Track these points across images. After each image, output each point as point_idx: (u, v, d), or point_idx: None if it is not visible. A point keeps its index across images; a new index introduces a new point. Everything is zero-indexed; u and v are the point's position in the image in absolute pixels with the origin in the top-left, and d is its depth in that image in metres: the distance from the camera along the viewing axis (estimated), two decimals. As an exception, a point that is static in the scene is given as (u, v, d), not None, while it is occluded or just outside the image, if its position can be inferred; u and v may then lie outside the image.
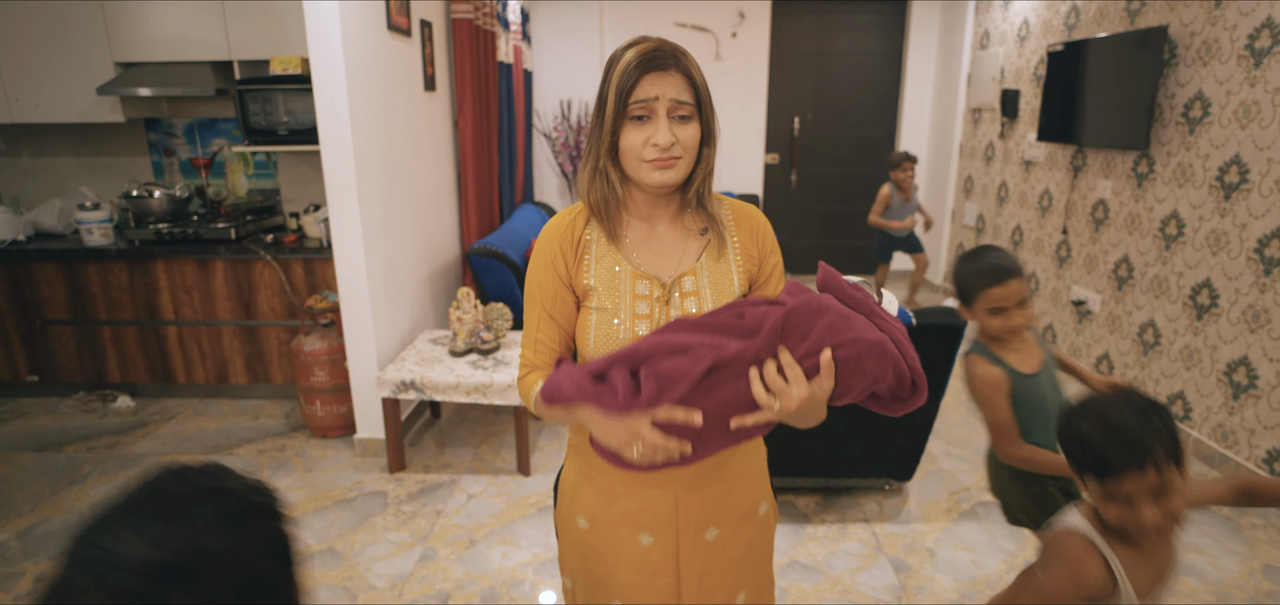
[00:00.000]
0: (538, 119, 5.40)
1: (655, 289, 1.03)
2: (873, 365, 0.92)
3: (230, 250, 3.27)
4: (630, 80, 0.96)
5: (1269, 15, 2.57)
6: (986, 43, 4.76)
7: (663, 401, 0.90)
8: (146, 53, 3.35)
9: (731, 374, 0.90)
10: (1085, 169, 3.69)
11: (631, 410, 0.90)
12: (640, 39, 0.99)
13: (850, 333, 0.91)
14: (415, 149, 3.27)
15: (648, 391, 0.90)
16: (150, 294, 3.38)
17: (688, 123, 0.99)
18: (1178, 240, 3.03)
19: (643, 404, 0.90)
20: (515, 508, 2.57)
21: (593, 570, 1.16)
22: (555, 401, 0.95)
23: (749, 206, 1.12)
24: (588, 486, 1.13)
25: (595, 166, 1.03)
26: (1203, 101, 2.89)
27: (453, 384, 2.66)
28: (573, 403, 0.93)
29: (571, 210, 1.10)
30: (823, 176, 5.81)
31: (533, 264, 1.08)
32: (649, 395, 0.90)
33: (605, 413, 0.91)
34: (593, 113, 1.03)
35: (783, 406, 0.88)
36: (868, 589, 2.15)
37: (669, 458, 0.94)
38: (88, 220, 3.35)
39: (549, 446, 3.02)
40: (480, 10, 3.75)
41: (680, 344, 0.93)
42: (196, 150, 3.81)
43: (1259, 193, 2.61)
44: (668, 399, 0.90)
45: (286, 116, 3.33)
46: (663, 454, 0.92)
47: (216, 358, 3.46)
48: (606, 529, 1.12)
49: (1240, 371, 2.70)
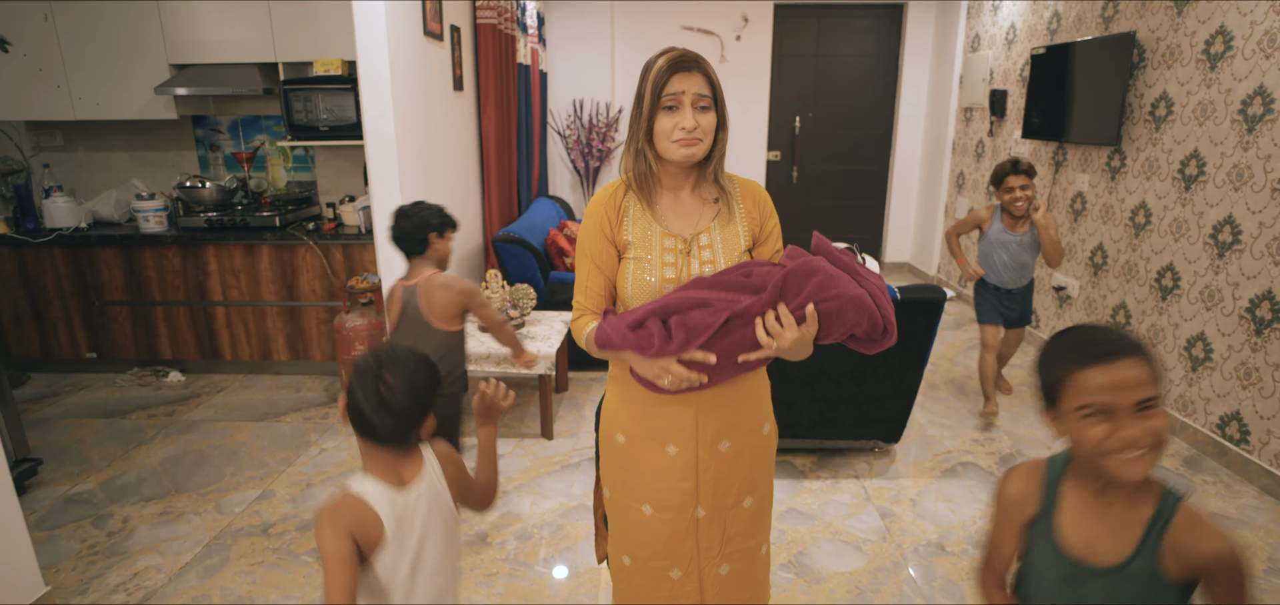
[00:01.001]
0: (552, 117, 5.69)
1: (679, 243, 1.32)
2: (851, 315, 1.21)
3: (275, 237, 3.56)
4: (663, 79, 1.25)
5: (1222, 23, 2.85)
6: (977, 45, 5.04)
7: (688, 348, 1.19)
8: (199, 55, 3.64)
9: (741, 323, 1.19)
10: (1065, 164, 3.97)
11: (664, 354, 1.19)
12: (670, 49, 1.28)
13: (835, 290, 1.19)
14: (445, 144, 3.56)
15: (677, 339, 1.19)
16: (201, 277, 3.67)
17: (707, 112, 1.28)
18: (1145, 228, 3.30)
19: (673, 349, 1.19)
20: (541, 465, 2.85)
21: (628, 477, 1.44)
22: (604, 348, 1.25)
23: (753, 181, 1.41)
24: (624, 408, 1.41)
25: (636, 149, 1.32)
26: (1167, 101, 3.16)
27: (484, 355, 2.95)
28: (618, 349, 1.23)
29: (612, 185, 1.38)
30: (823, 173, 6.09)
31: (584, 227, 1.37)
32: (678, 342, 1.19)
33: (637, 345, 1.20)
34: (632, 108, 1.31)
35: (779, 346, 1.17)
36: (856, 531, 2.43)
37: (691, 385, 1.24)
38: (144, 209, 3.64)
39: (568, 415, 3.31)
40: (502, 15, 4.05)
41: (701, 299, 1.22)
42: (240, 145, 4.11)
43: (1213, 184, 2.89)
44: (692, 345, 1.19)
45: (326, 114, 3.62)
46: (686, 383, 1.21)
47: (260, 336, 3.75)
48: (640, 442, 1.40)
49: (1198, 346, 2.98)
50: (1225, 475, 2.77)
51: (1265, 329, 2.64)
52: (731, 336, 1.20)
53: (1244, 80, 2.74)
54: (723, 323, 1.19)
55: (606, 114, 5.71)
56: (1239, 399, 2.77)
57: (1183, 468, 2.84)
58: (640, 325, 1.23)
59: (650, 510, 1.41)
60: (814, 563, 2.26)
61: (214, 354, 3.80)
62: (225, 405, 3.48)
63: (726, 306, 1.19)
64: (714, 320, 1.18)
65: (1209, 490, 2.67)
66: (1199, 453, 2.94)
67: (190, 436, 3.14)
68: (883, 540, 2.37)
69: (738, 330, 1.21)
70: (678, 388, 1.25)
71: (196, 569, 2.23)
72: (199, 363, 3.88)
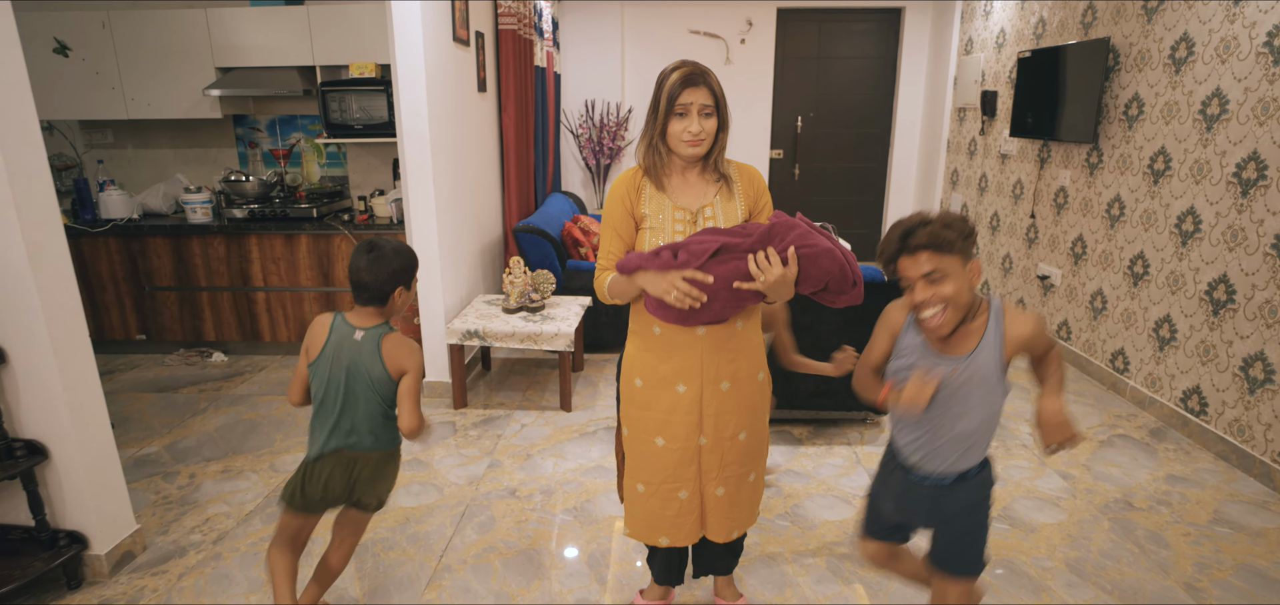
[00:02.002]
0: (565, 117, 5.98)
1: (687, 215, 1.60)
2: (825, 263, 1.48)
3: (313, 227, 3.86)
4: (676, 90, 1.53)
5: (1186, 30, 3.10)
6: (970, 49, 5.30)
7: (689, 267, 1.47)
8: (243, 58, 3.94)
9: (734, 256, 1.47)
10: (1049, 161, 4.23)
11: (670, 269, 1.47)
12: (682, 63, 1.55)
13: (811, 241, 1.48)
14: (470, 141, 3.85)
15: (681, 258, 1.47)
16: (243, 264, 3.97)
17: (710, 118, 1.56)
18: (1120, 220, 3.56)
19: (677, 265, 1.48)
20: (561, 433, 3.14)
21: (644, 415, 1.72)
22: (626, 269, 1.54)
23: (749, 165, 1.68)
24: (642, 355, 1.69)
25: (650, 142, 1.60)
26: (1138, 102, 3.42)
27: (509, 332, 3.23)
28: (636, 268, 1.51)
29: (631, 170, 1.66)
30: (824, 171, 6.36)
31: (608, 203, 1.65)
32: (682, 260, 1.47)
33: (654, 270, 1.49)
34: (649, 109, 1.59)
35: (765, 278, 1.44)
36: (847, 488, 2.70)
37: (693, 303, 1.49)
38: (192, 201, 3.94)
39: (584, 391, 3.59)
40: (521, 21, 4.33)
41: (704, 238, 1.50)
42: (277, 142, 4.41)
43: (1178, 178, 3.15)
44: (693, 265, 1.47)
45: (359, 113, 3.92)
46: (689, 299, 1.47)
47: (298, 319, 4.05)
48: (654, 383, 1.68)
49: (1165, 327, 3.24)
50: (1186, 444, 3.03)
51: (1221, 309, 2.90)
52: (728, 266, 1.47)
53: (1203, 82, 3.00)
54: (716, 249, 1.47)
55: (616, 114, 5.99)
56: (1199, 374, 3.03)
57: (1149, 438, 3.09)
58: (656, 254, 1.53)
59: (662, 441, 1.69)
60: (808, 513, 2.54)
61: (254, 336, 4.10)
62: (268, 382, 3.78)
63: (721, 237, 1.48)
64: (711, 244, 1.47)
65: (1171, 457, 2.92)
66: (1165, 424, 3.20)
67: (239, 408, 3.44)
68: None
69: (732, 263, 1.48)
70: (682, 304, 1.49)
71: (260, 516, 2.52)
72: (240, 344, 4.18)
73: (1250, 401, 2.76)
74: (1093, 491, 2.66)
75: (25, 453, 2.02)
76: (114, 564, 2.20)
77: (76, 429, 2.07)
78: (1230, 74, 2.86)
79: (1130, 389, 3.45)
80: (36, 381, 2.00)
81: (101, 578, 2.17)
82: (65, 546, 2.10)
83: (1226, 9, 2.88)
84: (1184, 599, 2.09)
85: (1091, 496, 2.63)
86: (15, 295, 1.93)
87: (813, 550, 2.33)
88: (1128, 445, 3.02)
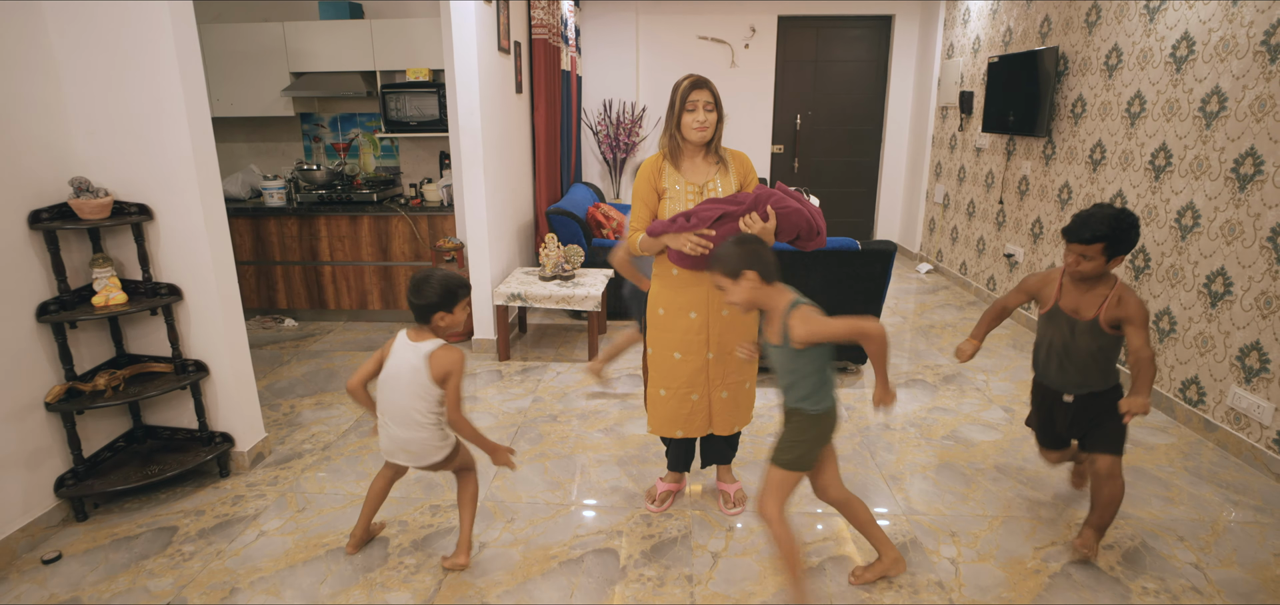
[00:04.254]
0: (585, 115, 6.60)
1: (695, 187, 2.21)
2: (794, 219, 2.10)
3: (373, 210, 4.50)
4: (687, 92, 2.14)
5: (1116, 42, 3.69)
6: (951, 53, 5.88)
7: (699, 228, 2.08)
8: (314, 64, 4.58)
9: (731, 218, 2.08)
10: (1014, 153, 4.81)
11: (685, 229, 2.09)
12: (691, 74, 2.17)
13: (786, 203, 2.09)
14: (510, 136, 4.47)
15: (692, 222, 2.09)
16: (313, 242, 4.61)
17: (711, 112, 2.17)
18: (1068, 203, 4.15)
19: (690, 227, 2.09)
20: (591, 379, 3.76)
21: (664, 336, 2.33)
22: (653, 232, 2.14)
23: (740, 151, 2.29)
24: (664, 291, 2.30)
25: (669, 133, 2.21)
26: (1082, 102, 4.00)
27: (546, 295, 3.86)
28: (661, 232, 2.12)
29: (654, 156, 2.27)
30: (821, 164, 6.95)
31: (638, 180, 2.26)
32: (693, 223, 2.09)
33: (672, 231, 2.10)
34: (667, 109, 2.20)
35: (752, 232, 2.06)
36: (826, 418, 3.31)
37: (701, 251, 2.10)
38: (269, 187, 4.59)
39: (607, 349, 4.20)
40: (551, 31, 4.95)
41: (709, 207, 2.12)
42: (338, 136, 5.05)
43: (1109, 166, 3.74)
44: (701, 226, 2.08)
45: (414, 111, 4.55)
46: (699, 248, 2.08)
47: (359, 290, 4.68)
48: (673, 310, 2.29)
49: (1100, 292, 3.82)
50: (1114, 388, 3.61)
51: (1140, 274, 3.49)
52: (726, 227, 2.09)
53: (1129, 86, 3.58)
54: (718, 215, 2.08)
55: (631, 112, 6.60)
56: (1125, 330, 3.61)
57: (1083, 384, 3.68)
58: (673, 220, 2.14)
59: (679, 355, 2.31)
60: (792, 435, 3.14)
61: (320, 304, 4.74)
62: (337, 342, 4.42)
63: (722, 205, 2.10)
64: (715, 212, 2.09)
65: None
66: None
67: (317, 360, 4.08)
68: (845, 422, 3.25)
69: (729, 223, 2.09)
70: (695, 251, 2.10)
71: (353, 433, 3.15)
72: (307, 312, 4.83)
73: (1161, 350, 3.35)
74: (1027, 421, 3.26)
75: (195, 369, 2.66)
76: (252, 460, 2.84)
77: (228, 353, 2.70)
78: (1147, 79, 3.44)
79: (1075, 347, 4.04)
80: (203, 315, 2.64)
81: (243, 469, 2.81)
82: (218, 443, 2.74)
83: (1144, 24, 3.46)
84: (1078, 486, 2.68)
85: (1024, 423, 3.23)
86: (192, 249, 2.57)
87: (795, 458, 2.94)
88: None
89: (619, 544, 2.36)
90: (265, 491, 2.67)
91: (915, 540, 2.38)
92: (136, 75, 2.42)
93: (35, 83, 2.33)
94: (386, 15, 4.74)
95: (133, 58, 2.40)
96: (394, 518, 2.49)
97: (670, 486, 2.62)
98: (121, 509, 2.54)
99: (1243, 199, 2.86)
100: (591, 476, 2.79)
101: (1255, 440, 2.80)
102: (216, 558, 2.28)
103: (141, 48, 2.39)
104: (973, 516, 2.52)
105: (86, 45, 2.39)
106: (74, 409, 2.38)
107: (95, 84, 2.42)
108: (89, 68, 2.41)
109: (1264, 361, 2.75)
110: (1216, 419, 3.00)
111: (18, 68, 2.27)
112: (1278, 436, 2.70)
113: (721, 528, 2.45)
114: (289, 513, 2.54)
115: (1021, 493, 2.66)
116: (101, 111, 2.45)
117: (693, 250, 2.09)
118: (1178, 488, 2.68)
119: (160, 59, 2.41)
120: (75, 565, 2.24)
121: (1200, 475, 2.77)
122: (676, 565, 2.26)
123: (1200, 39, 3.10)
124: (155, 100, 2.45)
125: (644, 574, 2.21)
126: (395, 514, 2.51)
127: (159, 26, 2.38)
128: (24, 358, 2.31)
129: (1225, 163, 2.95)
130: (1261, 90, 2.77)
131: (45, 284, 2.38)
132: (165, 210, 2.54)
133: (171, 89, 2.43)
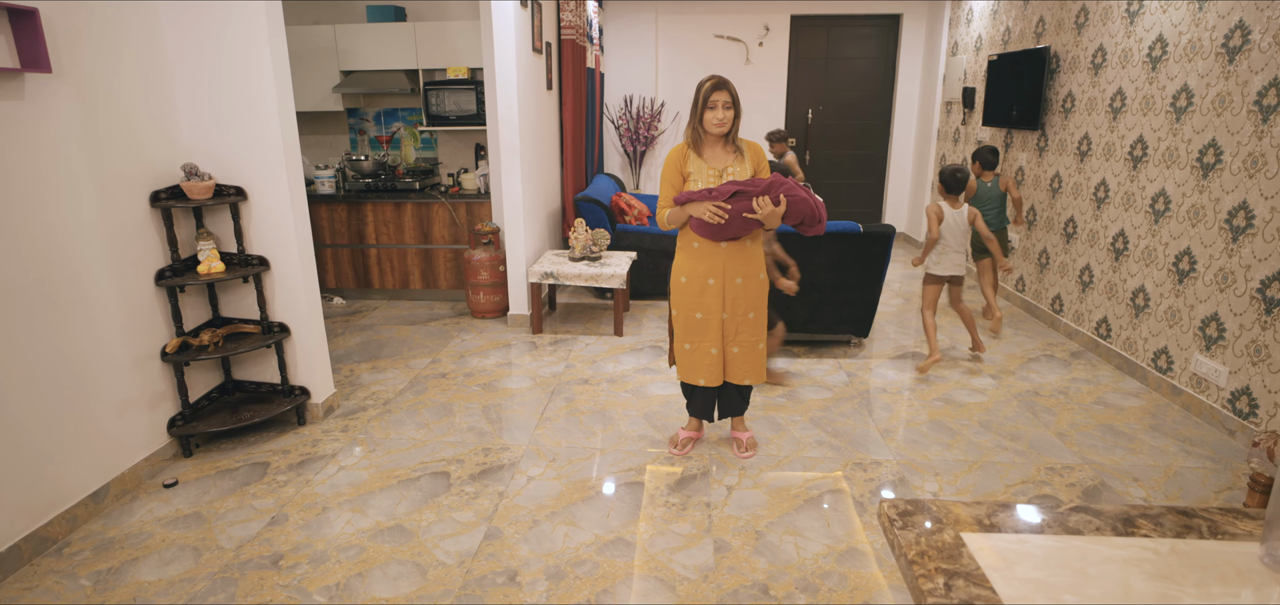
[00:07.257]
0: (607, 110, 6.97)
1: (715, 172, 2.58)
2: (800, 207, 2.47)
3: (416, 197, 4.90)
4: (708, 92, 2.51)
5: (1101, 42, 4.01)
6: (955, 51, 6.19)
7: (715, 200, 2.45)
8: (361, 63, 4.99)
9: (745, 197, 2.45)
10: (1012, 145, 5.13)
11: (705, 201, 2.46)
12: (712, 76, 2.54)
13: (794, 190, 2.46)
14: (541, 130, 4.86)
15: (712, 196, 2.46)
16: (360, 226, 5.02)
17: (730, 110, 2.54)
18: (1058, 192, 4.47)
19: (711, 199, 2.46)
20: (617, 349, 4.14)
21: (687, 299, 2.71)
22: (680, 202, 2.52)
23: (754, 141, 2.66)
24: (686, 261, 2.68)
25: (693, 126, 2.58)
26: (1071, 97, 4.32)
27: (576, 274, 4.25)
28: (686, 201, 2.50)
29: (680, 145, 2.65)
30: (832, 157, 7.28)
31: (665, 166, 2.63)
32: (714, 197, 2.46)
33: (697, 201, 2.48)
34: (691, 106, 2.58)
35: (763, 213, 2.42)
36: (830, 382, 3.67)
37: (718, 220, 2.48)
38: (321, 176, 5.01)
39: (631, 324, 4.59)
40: (578, 32, 5.33)
41: (727, 186, 2.49)
42: (381, 130, 5.46)
43: (1095, 157, 4.06)
44: (720, 199, 2.45)
45: (453, 107, 4.95)
46: (716, 217, 2.45)
47: (401, 270, 5.10)
48: (694, 277, 2.67)
49: (1086, 273, 4.15)
50: (1095, 361, 3.94)
51: (1120, 256, 3.82)
52: (740, 203, 2.46)
53: (1112, 82, 3.90)
54: (733, 191, 2.46)
55: (651, 107, 6.97)
56: (1106, 308, 3.94)
57: (1068, 357, 4.01)
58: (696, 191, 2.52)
59: (700, 315, 2.69)
60: (801, 396, 3.51)
61: (366, 284, 5.16)
62: (383, 318, 4.84)
63: (739, 185, 2.47)
64: (728, 190, 2.46)
65: (1081, 368, 3.85)
66: (1083, 349, 4.12)
67: (367, 334, 4.50)
68: (846, 386, 3.62)
69: (743, 201, 2.47)
70: (713, 219, 2.48)
71: (409, 393, 3.56)
72: (353, 291, 5.25)
73: (1136, 324, 3.68)
74: (1011, 387, 3.61)
75: (279, 330, 3.07)
76: (324, 411, 3.26)
77: (307, 315, 3.12)
78: (1127, 77, 3.76)
79: (1063, 325, 4.37)
80: (287, 283, 3.05)
81: (317, 419, 3.23)
82: (298, 395, 3.16)
83: (1125, 27, 3.79)
84: (1052, 439, 3.03)
85: (1009, 389, 3.58)
86: (279, 224, 2.98)
87: (799, 413, 3.31)
88: (1051, 362, 3.95)
89: (645, 479, 2.75)
90: (339, 436, 3.09)
91: (903, 478, 2.75)
92: (236, 72, 2.82)
93: (155, 81, 2.74)
94: (428, 17, 5.14)
95: (233, 56, 2.80)
96: (453, 458, 2.90)
97: (691, 434, 3.00)
98: (219, 448, 2.97)
99: (1205, 185, 3.19)
100: (620, 427, 3.17)
101: (1213, 401, 3.14)
102: (306, 486, 2.70)
103: (240, 46, 2.79)
104: (955, 461, 2.88)
105: (193, 44, 2.80)
106: (185, 360, 2.81)
107: (201, 80, 2.83)
108: (196, 65, 2.82)
109: (1221, 331, 3.08)
110: (1182, 384, 3.33)
111: (141, 68, 2.68)
112: (1231, 396, 3.04)
113: (735, 467, 2.84)
114: (361, 452, 2.95)
115: (1000, 443, 3.02)
116: (206, 104, 2.86)
117: (711, 218, 2.47)
118: (1140, 441, 3.03)
119: (256, 57, 2.81)
120: (191, 489, 2.67)
121: (1162, 431, 3.11)
122: (697, 495, 2.64)
123: (1172, 41, 3.43)
124: (249, 96, 2.85)
125: (669, 500, 2.60)
126: (454, 454, 2.92)
127: (256, 26, 2.77)
128: (145, 315, 2.73)
129: (1191, 153, 3.28)
130: (1221, 88, 3.10)
131: (161, 254, 2.80)
132: (257, 192, 2.95)
133: (265, 85, 2.84)
